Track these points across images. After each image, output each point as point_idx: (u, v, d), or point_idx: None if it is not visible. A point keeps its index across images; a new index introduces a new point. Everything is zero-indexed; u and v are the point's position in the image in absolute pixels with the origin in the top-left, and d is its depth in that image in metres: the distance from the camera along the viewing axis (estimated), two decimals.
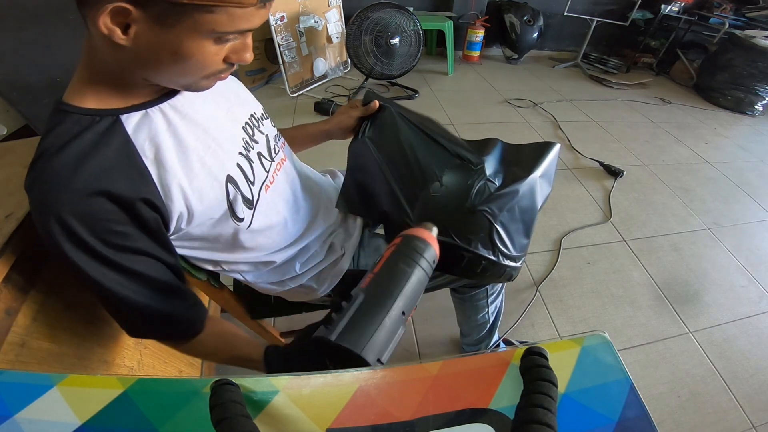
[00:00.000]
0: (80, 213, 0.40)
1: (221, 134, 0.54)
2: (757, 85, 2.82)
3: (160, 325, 0.51)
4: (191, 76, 0.45)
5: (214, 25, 0.39)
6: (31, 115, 1.61)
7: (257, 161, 0.60)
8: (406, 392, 0.38)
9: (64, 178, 0.40)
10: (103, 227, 0.42)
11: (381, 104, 0.73)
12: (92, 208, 0.41)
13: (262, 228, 0.60)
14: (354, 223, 0.77)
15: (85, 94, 0.45)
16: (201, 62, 0.42)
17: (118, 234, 0.43)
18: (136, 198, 0.43)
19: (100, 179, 0.41)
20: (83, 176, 0.40)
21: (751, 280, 1.52)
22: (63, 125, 0.43)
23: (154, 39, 0.39)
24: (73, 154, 0.41)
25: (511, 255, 0.69)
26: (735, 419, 1.09)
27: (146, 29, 0.38)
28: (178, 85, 0.47)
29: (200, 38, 0.40)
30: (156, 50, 0.40)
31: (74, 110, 0.44)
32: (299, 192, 0.70)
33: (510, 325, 1.26)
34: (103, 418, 0.35)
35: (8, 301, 0.48)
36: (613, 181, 1.99)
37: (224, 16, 0.38)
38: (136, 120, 0.46)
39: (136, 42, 0.38)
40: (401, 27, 2.40)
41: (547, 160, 0.73)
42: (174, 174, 0.46)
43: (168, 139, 0.47)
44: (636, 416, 0.36)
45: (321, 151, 0.90)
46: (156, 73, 0.44)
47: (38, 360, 0.50)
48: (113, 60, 0.42)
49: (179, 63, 0.41)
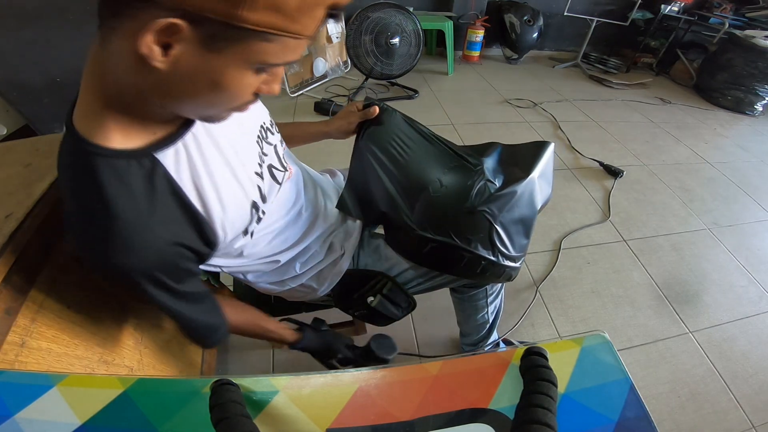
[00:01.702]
0: (164, 263, 0.44)
1: (241, 158, 0.54)
2: (757, 85, 2.82)
3: (213, 334, 0.58)
4: (218, 108, 0.42)
5: (265, 55, 0.35)
6: (31, 115, 1.61)
7: (268, 175, 0.59)
8: (406, 392, 0.38)
9: (140, 239, 0.41)
10: (180, 269, 0.47)
11: (382, 106, 0.73)
12: (173, 256, 0.45)
13: (265, 234, 0.61)
14: (354, 223, 0.77)
15: (107, 129, 0.40)
16: (236, 93, 0.39)
17: (186, 271, 0.49)
18: (199, 238, 0.48)
19: (169, 228, 0.44)
20: (155, 232, 0.42)
21: (751, 280, 1.52)
22: (100, 175, 0.39)
23: (196, 64, 0.34)
24: (132, 211, 0.40)
25: (511, 255, 0.69)
26: (735, 419, 1.09)
27: (190, 52, 0.33)
28: (198, 116, 0.44)
29: (244, 67, 0.36)
30: (193, 77, 0.35)
31: (104, 153, 0.39)
32: (302, 195, 0.70)
33: (510, 325, 1.26)
34: (103, 418, 0.35)
35: (8, 301, 0.48)
36: (613, 181, 1.99)
37: (278, 46, 0.35)
38: (172, 158, 0.44)
39: (174, 66, 0.34)
40: (401, 27, 2.40)
41: (544, 160, 0.73)
42: (215, 208, 0.48)
43: (204, 174, 0.47)
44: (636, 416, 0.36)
45: (321, 151, 0.89)
46: (180, 103, 0.39)
47: (38, 360, 0.50)
48: (133, 85, 0.37)
49: (214, 93, 0.37)
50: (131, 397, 0.36)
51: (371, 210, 0.74)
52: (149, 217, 0.41)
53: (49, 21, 1.39)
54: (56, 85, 1.54)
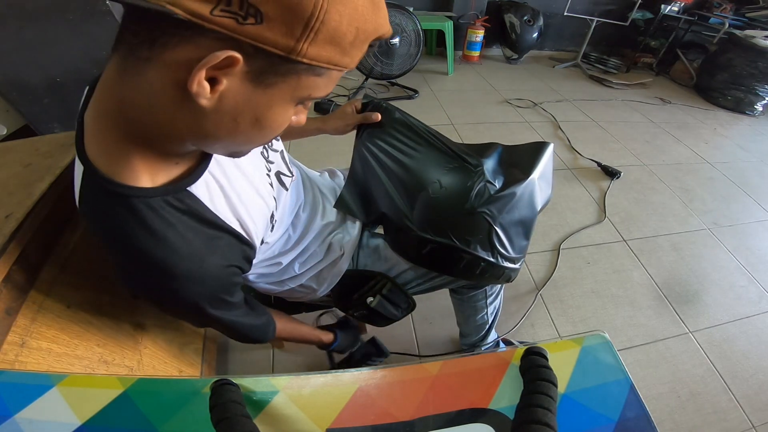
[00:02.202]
0: (222, 287, 0.47)
1: (257, 169, 0.55)
2: (757, 85, 2.82)
3: (267, 329, 0.63)
4: (251, 145, 0.40)
5: (312, 90, 0.34)
6: (31, 115, 1.61)
7: (277, 182, 0.61)
8: (406, 392, 0.38)
9: (198, 271, 0.41)
10: (233, 284, 0.49)
11: (381, 105, 0.73)
12: (227, 279, 0.47)
13: (272, 240, 0.62)
14: (353, 223, 0.77)
15: (135, 169, 0.37)
16: (276, 130, 0.36)
17: (236, 284, 0.50)
18: (244, 258, 0.50)
19: (222, 256, 0.45)
20: (208, 261, 0.42)
21: (751, 280, 1.52)
22: (143, 216, 0.37)
23: (242, 101, 0.32)
24: (185, 246, 0.40)
25: (510, 257, 0.69)
26: (735, 419, 1.09)
27: (237, 87, 0.30)
28: (227, 153, 0.41)
29: (289, 103, 0.34)
30: (237, 115, 0.33)
31: (139, 193, 0.37)
32: (302, 196, 0.70)
33: (510, 325, 1.26)
34: (103, 418, 0.35)
35: (8, 301, 0.48)
36: (609, 182, 1.99)
37: (325, 80, 0.33)
38: (204, 189, 0.43)
39: (219, 103, 0.31)
40: (401, 27, 2.40)
41: (543, 161, 0.73)
42: (250, 224, 0.50)
43: (234, 197, 0.47)
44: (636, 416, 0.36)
45: (320, 151, 0.89)
46: (216, 142, 0.36)
47: (38, 360, 0.50)
48: (167, 123, 0.33)
49: (255, 130, 0.35)
50: (131, 397, 0.36)
51: (371, 210, 0.74)
52: (201, 247, 0.42)
53: (49, 21, 1.38)
54: (56, 85, 1.53)
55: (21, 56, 1.43)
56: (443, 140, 0.73)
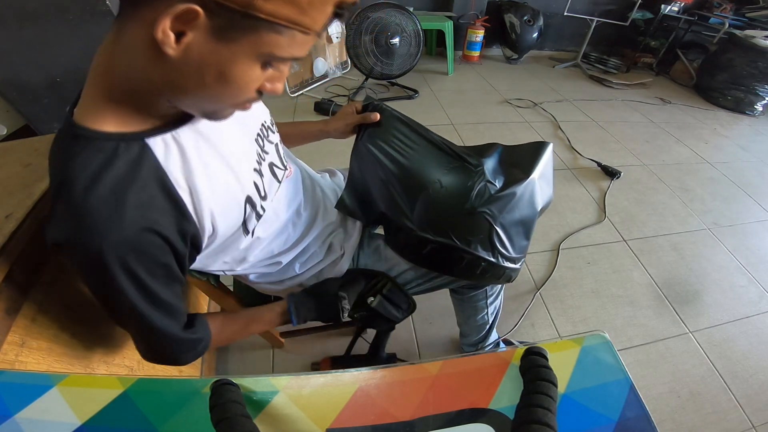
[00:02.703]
0: (135, 249, 0.41)
1: (238, 153, 0.53)
2: (757, 85, 2.82)
3: (175, 350, 0.52)
4: (223, 102, 0.42)
5: (274, 48, 0.36)
6: (31, 115, 1.61)
7: (268, 173, 0.59)
8: (406, 392, 0.38)
9: (113, 220, 0.39)
10: (153, 260, 0.43)
11: (381, 107, 0.73)
12: (144, 244, 0.41)
13: (265, 233, 0.61)
14: (353, 224, 0.77)
15: (103, 117, 0.40)
16: (241, 87, 0.39)
17: (162, 265, 0.44)
18: (176, 230, 0.44)
19: (145, 213, 0.41)
20: (129, 213, 0.39)
21: (751, 280, 1.52)
22: (85, 154, 0.39)
23: (206, 53, 0.35)
24: (109, 190, 0.39)
25: (511, 257, 0.69)
26: (735, 419, 1.09)
27: (201, 41, 0.34)
28: (201, 112, 0.44)
29: (252, 60, 0.37)
30: (202, 67, 0.36)
31: (94, 135, 0.40)
32: (301, 194, 0.70)
33: (510, 325, 1.26)
34: (103, 418, 0.35)
35: (8, 301, 0.48)
36: (609, 182, 1.99)
37: (287, 39, 0.36)
38: (163, 145, 0.43)
39: (185, 55, 0.34)
40: (401, 27, 2.40)
41: (543, 161, 0.73)
42: (206, 200, 0.46)
43: (198, 166, 0.46)
44: (636, 416, 0.36)
45: (320, 151, 0.89)
46: (186, 95, 0.40)
47: (38, 360, 0.50)
48: (143, 74, 0.38)
49: (220, 85, 0.38)
50: (131, 397, 0.36)
51: (371, 210, 0.74)
52: (126, 197, 0.39)
53: (49, 21, 1.38)
54: (56, 85, 1.53)
55: (21, 56, 1.43)
56: (443, 141, 0.73)
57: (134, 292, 0.42)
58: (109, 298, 0.43)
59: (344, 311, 0.66)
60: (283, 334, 1.13)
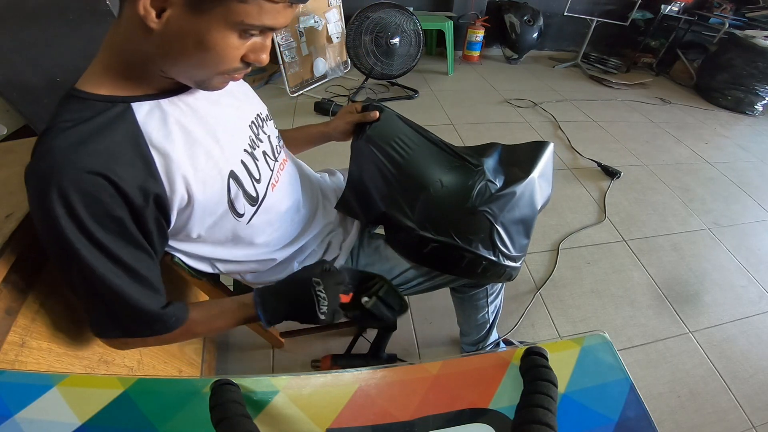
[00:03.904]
0: (82, 189, 0.40)
1: (229, 130, 0.55)
2: (757, 85, 2.82)
3: (132, 321, 0.48)
4: (208, 70, 0.45)
5: (243, 16, 0.40)
6: (31, 115, 1.61)
7: (262, 160, 0.61)
8: (406, 392, 0.38)
9: (69, 153, 0.40)
10: (102, 209, 0.42)
11: (381, 108, 0.74)
12: (94, 188, 0.41)
13: (262, 224, 0.61)
14: (352, 223, 0.77)
15: (100, 82, 0.45)
16: (221, 55, 0.43)
17: (114, 219, 0.43)
18: (137, 186, 0.43)
19: (104, 160, 0.41)
20: (87, 154, 0.41)
21: (751, 280, 1.52)
22: (73, 108, 0.44)
23: (184, 25, 0.40)
24: (80, 133, 0.42)
25: (511, 255, 0.69)
26: (735, 419, 1.09)
27: (179, 15, 0.39)
28: (193, 80, 0.47)
29: (227, 29, 0.41)
30: (182, 38, 0.41)
31: (87, 96, 0.44)
32: (300, 191, 0.70)
33: (510, 325, 1.26)
34: (103, 418, 0.35)
35: (8, 301, 0.48)
36: (609, 182, 1.99)
37: (255, 8, 0.40)
38: (147, 109, 0.46)
39: (167, 27, 0.40)
40: (401, 27, 2.40)
41: (543, 160, 0.73)
42: (179, 164, 0.47)
43: (177, 131, 0.48)
44: (636, 416, 0.36)
45: (320, 151, 0.90)
46: (175, 64, 0.44)
47: (38, 360, 0.50)
48: (137, 47, 0.43)
49: (201, 53, 0.42)
50: (131, 397, 0.36)
51: (371, 210, 0.74)
52: (90, 144, 0.41)
53: (49, 21, 1.38)
54: (56, 85, 1.53)
55: (21, 56, 1.43)
56: (442, 141, 0.73)
57: (80, 239, 0.41)
58: (55, 246, 0.42)
59: (320, 302, 0.54)
60: (283, 334, 1.13)
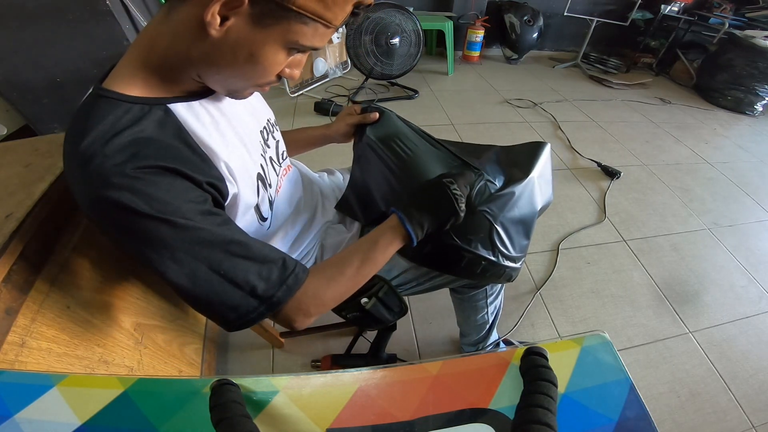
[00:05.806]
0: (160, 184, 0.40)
1: (250, 135, 0.56)
2: (757, 85, 2.82)
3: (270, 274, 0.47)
4: (247, 81, 0.46)
5: (300, 36, 0.41)
6: (31, 115, 1.61)
7: (269, 165, 0.62)
8: (406, 392, 0.38)
9: (131, 159, 0.39)
10: (190, 198, 0.43)
11: (381, 110, 0.74)
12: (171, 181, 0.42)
13: (276, 231, 0.62)
14: (352, 223, 0.77)
15: (132, 82, 0.44)
16: (266, 69, 0.44)
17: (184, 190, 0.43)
18: (204, 178, 0.45)
19: (172, 158, 0.42)
20: (146, 157, 0.40)
21: (751, 280, 1.52)
22: (114, 113, 0.41)
23: (242, 37, 0.40)
24: (130, 140, 0.40)
25: (511, 255, 0.69)
26: (735, 419, 1.09)
27: (241, 25, 0.39)
28: (227, 89, 0.48)
29: (280, 46, 0.42)
30: (237, 48, 0.41)
31: (121, 98, 0.43)
32: (300, 193, 0.71)
33: (510, 325, 1.26)
34: (103, 418, 0.35)
35: (8, 301, 0.48)
36: (609, 182, 1.99)
37: (311, 30, 0.41)
38: (184, 109, 0.47)
39: (226, 36, 0.40)
40: (401, 27, 2.40)
41: (542, 161, 0.74)
42: (226, 162, 0.48)
43: (214, 132, 0.49)
44: (636, 416, 0.36)
45: (320, 150, 0.90)
46: (218, 72, 0.44)
47: (38, 360, 0.50)
48: (183, 50, 0.42)
49: (248, 65, 0.42)
50: (131, 397, 0.36)
51: (371, 210, 0.74)
52: (147, 147, 0.41)
53: (49, 21, 1.38)
54: (56, 85, 1.53)
55: (21, 56, 1.43)
56: (442, 142, 0.73)
57: (198, 223, 0.42)
58: (176, 253, 0.41)
59: (458, 200, 0.55)
60: (283, 334, 1.13)
